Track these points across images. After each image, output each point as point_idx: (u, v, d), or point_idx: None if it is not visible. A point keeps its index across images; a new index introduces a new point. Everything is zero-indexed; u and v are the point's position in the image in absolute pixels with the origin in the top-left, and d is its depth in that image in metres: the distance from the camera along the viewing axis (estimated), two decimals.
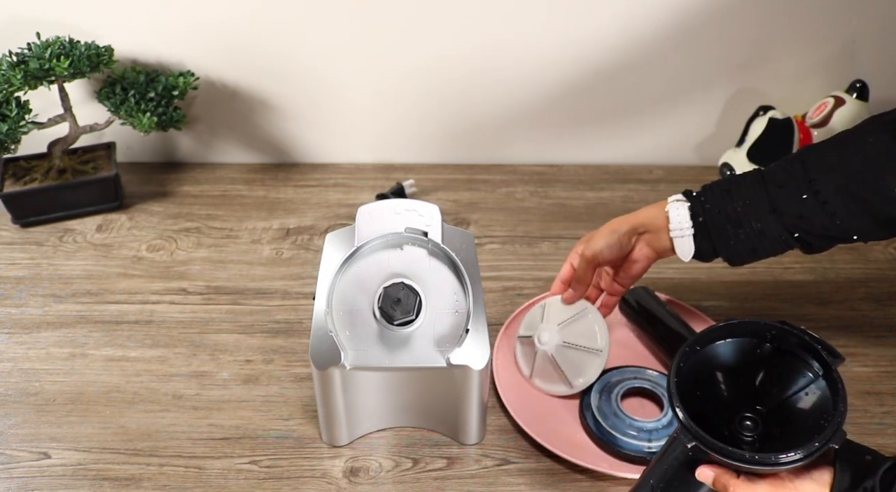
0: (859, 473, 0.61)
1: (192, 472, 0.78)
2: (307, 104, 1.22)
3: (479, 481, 0.78)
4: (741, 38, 1.15)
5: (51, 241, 1.09)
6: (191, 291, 1.01)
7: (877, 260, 1.07)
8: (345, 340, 0.72)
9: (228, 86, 1.19)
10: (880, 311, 0.99)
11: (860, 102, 1.13)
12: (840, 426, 0.59)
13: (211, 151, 1.27)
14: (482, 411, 0.79)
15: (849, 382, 0.67)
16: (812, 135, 1.12)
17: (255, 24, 1.13)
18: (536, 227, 1.14)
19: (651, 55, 1.17)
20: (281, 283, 1.02)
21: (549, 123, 1.24)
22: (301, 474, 0.78)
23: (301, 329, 0.95)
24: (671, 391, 0.63)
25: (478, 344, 0.73)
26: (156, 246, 1.09)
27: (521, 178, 1.25)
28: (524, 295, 1.00)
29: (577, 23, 1.13)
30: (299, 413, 0.84)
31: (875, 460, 0.62)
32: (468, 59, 1.17)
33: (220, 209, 1.17)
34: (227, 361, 0.91)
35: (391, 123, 1.24)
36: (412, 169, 1.25)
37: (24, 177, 1.12)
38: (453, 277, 0.74)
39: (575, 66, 1.18)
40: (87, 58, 1.04)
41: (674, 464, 0.64)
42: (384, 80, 1.19)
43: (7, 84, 1.01)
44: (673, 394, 0.62)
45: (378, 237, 0.74)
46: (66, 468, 0.78)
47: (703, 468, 0.63)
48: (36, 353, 0.92)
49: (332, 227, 1.13)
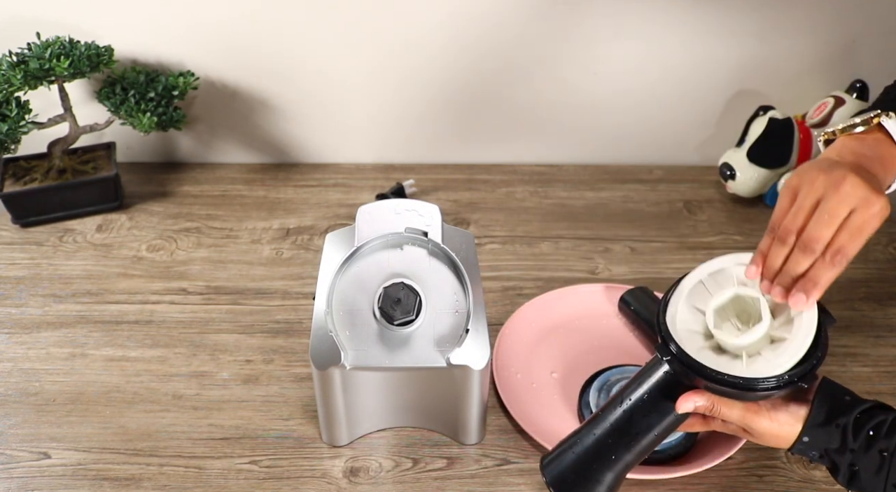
0: (835, 411, 0.64)
1: (192, 472, 0.78)
2: (307, 104, 1.22)
3: (479, 481, 0.78)
4: (741, 38, 1.15)
5: (51, 241, 1.09)
6: (191, 291, 1.01)
7: (877, 260, 1.07)
8: (345, 340, 0.72)
9: (228, 86, 1.19)
10: (880, 311, 0.99)
11: (860, 102, 1.13)
12: (814, 369, 0.62)
13: (211, 151, 1.27)
14: (482, 411, 0.79)
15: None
16: (812, 135, 1.12)
17: (255, 24, 1.13)
18: (536, 227, 1.14)
19: (650, 56, 1.17)
20: (281, 283, 1.02)
21: (549, 123, 1.24)
22: (301, 474, 0.78)
23: (301, 329, 0.95)
24: (660, 309, 0.66)
25: (478, 344, 0.73)
26: (156, 246, 1.09)
27: (521, 178, 1.25)
28: (524, 295, 1.00)
29: (575, 24, 1.13)
30: (299, 413, 0.84)
31: (853, 400, 0.65)
32: (468, 60, 1.17)
33: (220, 209, 1.17)
34: (227, 361, 0.91)
35: (391, 123, 1.24)
36: (412, 169, 1.25)
37: (24, 177, 1.12)
38: (453, 277, 0.74)
39: (574, 67, 1.18)
40: (87, 58, 1.04)
41: (650, 388, 0.67)
42: (384, 80, 1.19)
43: (7, 84, 1.01)
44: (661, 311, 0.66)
45: (378, 237, 0.74)
46: (66, 468, 0.78)
47: (682, 399, 0.65)
48: (36, 353, 0.92)
49: (332, 227, 1.13)
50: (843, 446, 0.62)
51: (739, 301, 0.68)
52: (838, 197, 0.62)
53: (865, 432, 0.62)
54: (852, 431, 0.62)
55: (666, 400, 0.66)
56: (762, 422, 0.65)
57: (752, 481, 0.77)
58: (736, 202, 1.18)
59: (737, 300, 0.68)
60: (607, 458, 0.67)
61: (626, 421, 0.67)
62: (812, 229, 0.63)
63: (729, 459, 0.78)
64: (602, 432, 0.68)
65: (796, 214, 0.64)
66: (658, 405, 0.66)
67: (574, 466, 0.68)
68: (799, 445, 0.64)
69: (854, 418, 0.62)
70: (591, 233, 1.12)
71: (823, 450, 0.63)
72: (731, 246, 1.10)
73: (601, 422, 0.68)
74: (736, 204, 1.17)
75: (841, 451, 0.62)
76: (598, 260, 1.07)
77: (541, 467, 0.70)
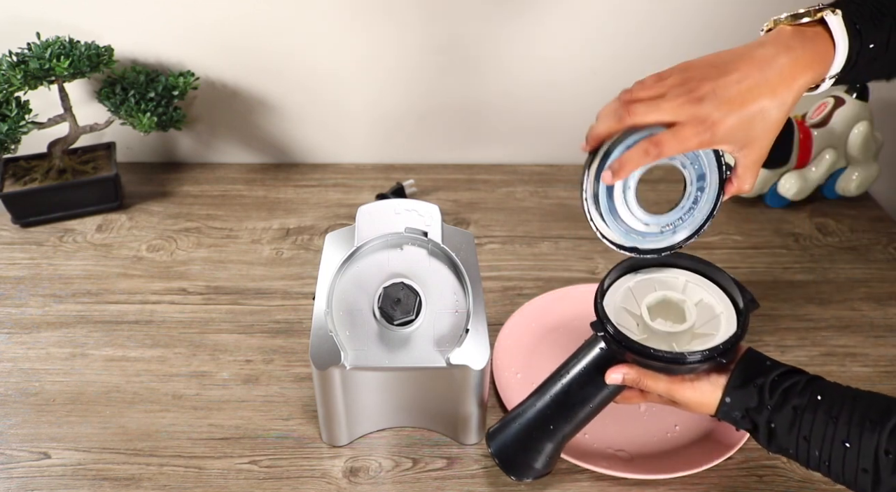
0: (754, 373, 0.67)
1: (192, 472, 0.78)
2: (307, 104, 1.22)
3: (479, 481, 0.78)
4: (741, 38, 1.15)
5: (51, 241, 1.09)
6: (191, 291, 1.01)
7: (877, 260, 1.08)
8: (345, 340, 0.72)
9: (228, 86, 1.19)
10: (880, 311, 0.99)
11: (860, 102, 1.13)
12: (732, 346, 0.66)
13: (211, 151, 1.27)
14: (482, 411, 0.79)
15: (849, 382, 0.67)
16: (812, 135, 1.12)
17: (255, 24, 1.13)
18: (536, 227, 1.14)
19: (650, 55, 1.17)
20: (281, 283, 1.02)
21: (549, 122, 1.24)
22: (301, 474, 0.78)
23: (301, 329, 0.95)
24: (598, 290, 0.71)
25: (477, 344, 0.73)
26: (156, 246, 1.09)
27: (521, 178, 1.25)
28: (524, 295, 1.00)
29: (576, 23, 1.13)
30: (299, 413, 0.84)
31: (773, 365, 0.67)
32: (468, 59, 1.17)
33: (220, 209, 1.17)
34: (227, 361, 0.91)
35: (391, 123, 1.24)
36: (412, 169, 1.25)
37: (24, 177, 1.13)
38: (453, 277, 0.74)
39: (574, 67, 1.18)
40: (87, 58, 1.04)
41: (586, 363, 0.72)
42: (384, 80, 1.19)
43: (7, 84, 1.01)
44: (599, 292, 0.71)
45: (378, 237, 0.74)
46: (65, 468, 0.78)
47: (612, 370, 0.70)
48: (36, 353, 0.92)
49: (332, 227, 1.13)
50: (761, 404, 0.64)
51: (667, 303, 0.73)
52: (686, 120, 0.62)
53: (781, 391, 0.64)
54: (769, 389, 0.64)
55: (600, 375, 0.70)
56: (685, 392, 0.68)
57: (752, 481, 0.77)
58: (735, 202, 1.18)
59: (665, 303, 0.73)
60: (546, 428, 0.72)
61: (564, 393, 0.72)
62: (638, 108, 0.63)
63: (729, 459, 0.78)
64: (542, 404, 0.73)
65: (642, 89, 0.65)
66: (593, 379, 0.71)
67: (516, 436, 0.73)
68: (723, 407, 0.67)
69: (771, 379, 0.65)
70: (591, 233, 1.11)
71: (745, 410, 0.66)
72: (730, 246, 1.10)
73: (542, 395, 0.73)
74: (735, 204, 1.18)
75: (759, 410, 0.65)
76: (598, 260, 1.07)
77: (486, 437, 0.75)
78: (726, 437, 0.79)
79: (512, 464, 0.73)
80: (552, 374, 0.74)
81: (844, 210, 1.18)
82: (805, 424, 0.62)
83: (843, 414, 0.61)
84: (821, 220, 1.16)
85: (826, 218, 1.16)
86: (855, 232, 1.13)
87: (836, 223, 1.15)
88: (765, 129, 0.63)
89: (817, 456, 0.62)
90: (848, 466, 0.60)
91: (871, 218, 1.16)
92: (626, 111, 0.63)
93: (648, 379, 0.69)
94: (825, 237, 1.12)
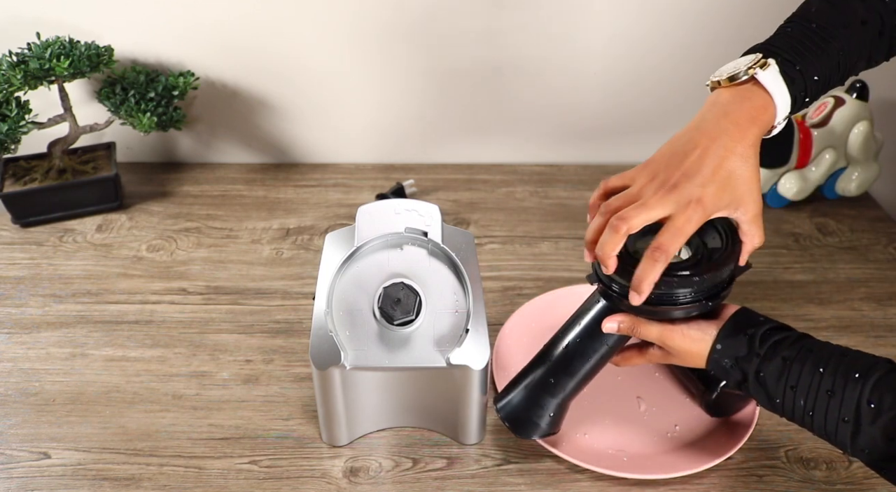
0: (746, 323, 0.68)
1: (192, 472, 0.78)
2: (307, 104, 1.22)
3: (479, 481, 0.78)
4: (741, 39, 1.15)
5: (51, 241, 1.09)
6: (191, 291, 1.01)
7: (877, 260, 1.08)
8: (345, 340, 0.72)
9: (228, 86, 1.19)
10: (880, 311, 0.99)
11: (860, 102, 1.13)
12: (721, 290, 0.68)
13: (211, 151, 1.27)
14: (482, 411, 0.79)
15: None
16: (812, 135, 1.12)
17: (255, 24, 1.13)
18: (536, 227, 1.14)
19: (650, 55, 1.17)
20: (281, 283, 1.02)
21: (550, 123, 1.24)
22: (301, 474, 0.78)
23: (301, 329, 0.95)
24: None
25: (478, 344, 0.73)
26: (156, 246, 1.09)
27: (521, 178, 1.25)
28: (524, 295, 1.00)
29: (576, 24, 1.13)
30: (299, 413, 0.85)
31: (766, 320, 0.69)
32: (468, 59, 1.17)
33: (220, 209, 1.17)
34: (227, 361, 0.91)
35: (391, 123, 1.24)
36: (412, 169, 1.25)
37: (24, 177, 1.13)
38: (453, 277, 0.74)
39: (574, 67, 1.18)
40: (87, 58, 1.04)
41: (585, 318, 0.75)
42: (384, 79, 1.19)
43: (7, 84, 1.01)
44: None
45: (378, 237, 0.74)
46: (65, 468, 0.78)
47: (608, 319, 0.72)
48: (36, 353, 0.92)
49: (332, 227, 1.13)
50: (751, 352, 0.66)
51: None
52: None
53: (772, 342, 0.65)
54: (759, 339, 0.66)
55: (598, 327, 0.73)
56: (677, 339, 0.69)
57: (752, 481, 0.77)
58: None
59: None
60: (547, 382, 0.75)
61: (564, 347, 0.75)
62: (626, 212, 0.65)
63: (729, 459, 0.78)
64: (543, 359, 0.76)
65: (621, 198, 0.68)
66: (591, 331, 0.74)
67: (520, 393, 0.76)
68: (713, 354, 0.68)
69: (763, 331, 0.67)
70: None
71: (734, 359, 0.67)
72: None
73: (544, 351, 0.77)
74: None
75: (749, 358, 0.66)
76: None
77: (494, 401, 0.78)
78: (726, 437, 0.79)
79: (517, 422, 0.75)
80: (554, 335, 0.77)
81: (844, 210, 1.18)
82: (793, 374, 0.64)
83: (829, 366, 0.62)
84: (821, 220, 1.16)
85: (826, 218, 1.16)
86: (855, 232, 1.13)
87: (836, 223, 1.15)
88: (745, 184, 0.66)
89: (802, 406, 0.63)
90: (830, 415, 0.62)
91: (871, 218, 1.16)
92: (619, 222, 0.65)
93: (642, 326, 0.70)
94: (825, 237, 1.12)
